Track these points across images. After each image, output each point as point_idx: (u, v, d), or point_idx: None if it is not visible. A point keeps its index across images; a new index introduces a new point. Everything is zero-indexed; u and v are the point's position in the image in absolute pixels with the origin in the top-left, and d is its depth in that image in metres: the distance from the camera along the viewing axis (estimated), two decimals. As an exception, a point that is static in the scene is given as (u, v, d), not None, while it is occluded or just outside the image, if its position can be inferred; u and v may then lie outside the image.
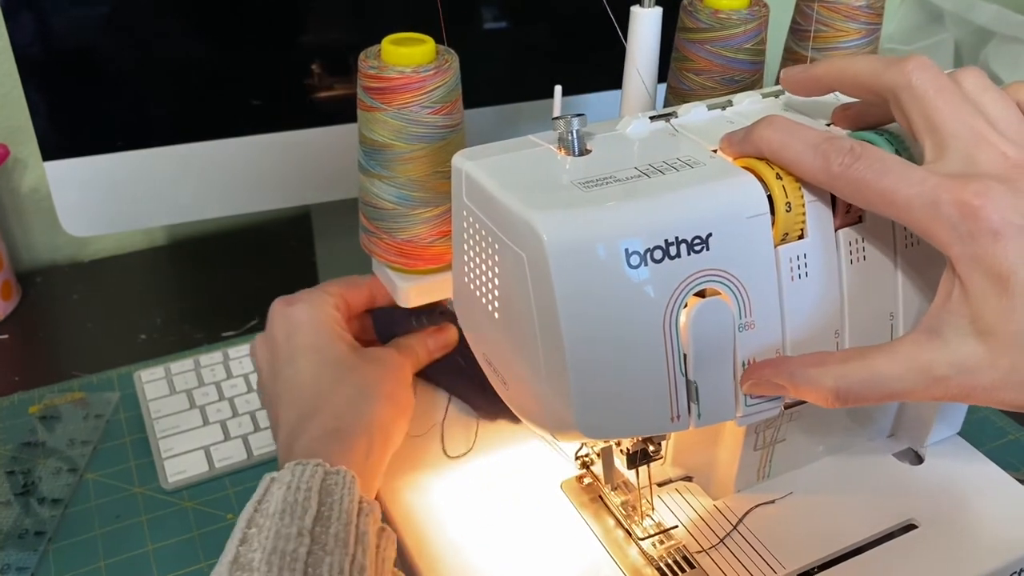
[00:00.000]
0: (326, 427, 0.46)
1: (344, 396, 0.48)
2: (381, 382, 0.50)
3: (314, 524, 0.40)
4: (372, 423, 0.47)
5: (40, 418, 0.68)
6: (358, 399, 0.48)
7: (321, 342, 0.50)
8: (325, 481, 0.42)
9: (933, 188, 0.34)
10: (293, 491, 0.41)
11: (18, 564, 0.56)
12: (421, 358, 0.54)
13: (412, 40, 0.45)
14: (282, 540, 0.38)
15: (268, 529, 0.39)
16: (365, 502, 0.42)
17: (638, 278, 0.35)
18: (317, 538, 0.39)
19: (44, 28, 0.65)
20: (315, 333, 0.51)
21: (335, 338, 0.51)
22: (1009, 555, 0.44)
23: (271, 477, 0.43)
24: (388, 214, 0.47)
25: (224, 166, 0.72)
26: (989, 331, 0.33)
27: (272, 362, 0.51)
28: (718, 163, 0.38)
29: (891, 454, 0.50)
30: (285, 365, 0.50)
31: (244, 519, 0.41)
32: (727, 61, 0.51)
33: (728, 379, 0.38)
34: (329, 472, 0.42)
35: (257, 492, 0.42)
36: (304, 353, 0.50)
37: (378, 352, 0.52)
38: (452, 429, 0.54)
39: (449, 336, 0.56)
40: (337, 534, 0.40)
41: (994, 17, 0.97)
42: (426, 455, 0.52)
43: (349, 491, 0.42)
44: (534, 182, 0.38)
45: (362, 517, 0.42)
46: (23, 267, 0.89)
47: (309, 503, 0.40)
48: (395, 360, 0.52)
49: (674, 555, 0.44)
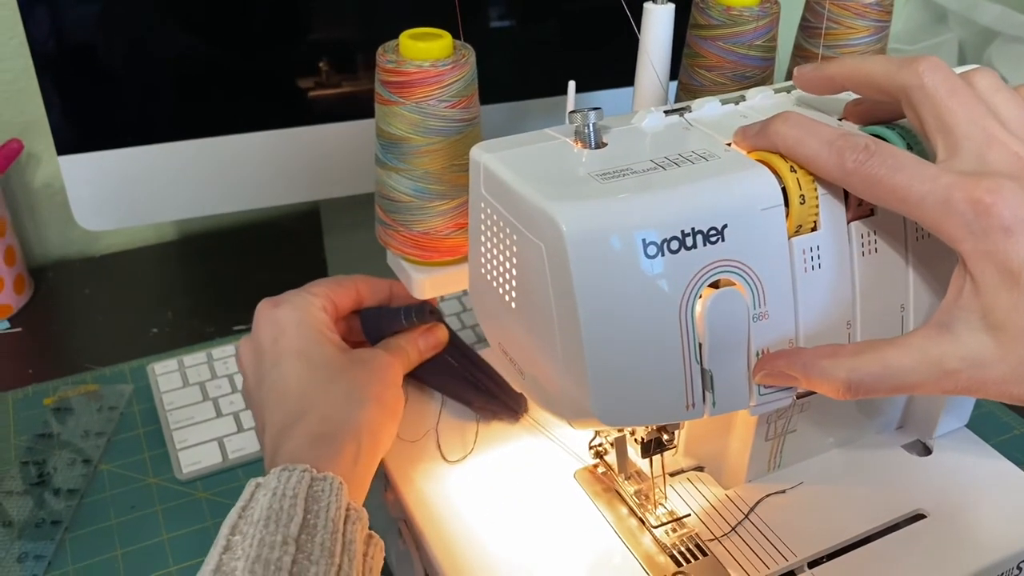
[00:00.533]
0: (313, 431, 0.45)
1: (331, 399, 0.47)
2: (369, 384, 0.48)
3: (300, 532, 0.39)
4: (360, 426, 0.46)
5: (54, 410, 0.69)
6: (345, 402, 0.47)
7: (307, 344, 0.49)
8: (312, 488, 0.41)
9: (946, 185, 0.34)
10: (279, 498, 0.40)
11: (36, 552, 0.57)
12: (412, 358, 0.53)
13: (430, 35, 0.46)
14: (266, 548, 0.37)
15: (252, 537, 0.38)
16: (353, 509, 0.41)
17: (654, 268, 0.36)
18: (302, 546, 0.38)
19: (59, 24, 0.65)
20: (301, 335, 0.49)
21: (322, 340, 0.49)
22: (1016, 545, 0.45)
23: (256, 483, 0.41)
24: (405, 207, 0.48)
25: (235, 162, 0.72)
26: (1000, 326, 0.34)
27: (258, 365, 0.50)
28: (733, 156, 0.39)
29: (900, 446, 0.51)
30: (271, 368, 0.48)
31: (228, 525, 0.39)
32: (739, 57, 0.52)
33: (742, 369, 0.39)
34: (316, 478, 0.41)
35: (242, 498, 0.41)
36: (290, 356, 0.48)
37: (366, 353, 0.51)
38: (449, 433, 0.53)
39: (440, 335, 0.54)
40: (323, 543, 0.39)
41: (998, 17, 0.98)
42: (424, 460, 0.51)
43: (336, 498, 0.41)
44: (552, 174, 0.38)
45: (349, 525, 0.41)
46: (35, 261, 0.90)
47: (295, 510, 0.39)
48: (384, 361, 0.50)
49: (686, 543, 0.45)
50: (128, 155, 0.70)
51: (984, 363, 0.34)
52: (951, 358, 0.35)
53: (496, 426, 0.54)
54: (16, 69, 0.82)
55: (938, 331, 0.36)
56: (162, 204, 0.73)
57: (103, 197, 0.71)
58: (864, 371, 0.36)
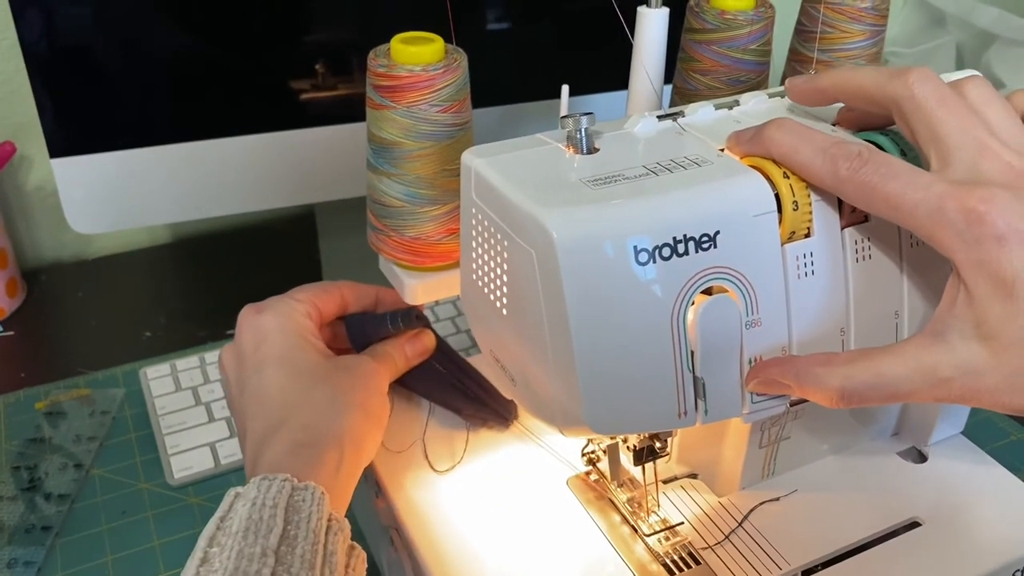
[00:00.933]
0: (294, 439, 0.44)
1: (313, 407, 0.46)
2: (353, 390, 0.47)
3: (279, 543, 0.37)
4: (343, 434, 0.45)
5: (46, 414, 0.68)
6: (328, 409, 0.46)
7: (290, 351, 0.48)
8: (292, 497, 0.40)
9: (939, 194, 0.34)
10: (258, 508, 0.39)
11: (25, 558, 0.57)
12: (399, 365, 0.52)
13: (421, 39, 0.45)
14: (245, 560, 0.36)
15: (230, 548, 0.37)
16: (334, 520, 0.41)
17: (646, 275, 0.36)
18: (282, 558, 0.37)
19: (52, 26, 0.65)
20: (284, 342, 0.48)
21: (305, 347, 0.48)
22: (1012, 553, 0.45)
23: (236, 492, 0.40)
24: (396, 212, 0.48)
25: (229, 164, 0.72)
26: (993, 335, 0.34)
27: (240, 372, 0.48)
28: (726, 162, 0.39)
29: (895, 453, 0.50)
30: (252, 375, 0.47)
31: (206, 537, 0.38)
32: (733, 62, 0.52)
33: (735, 376, 0.38)
34: (297, 488, 0.40)
35: (220, 508, 0.40)
36: (272, 363, 0.47)
37: (351, 360, 0.50)
38: (437, 443, 0.52)
39: (427, 341, 0.53)
40: (303, 555, 0.37)
41: (996, 20, 0.97)
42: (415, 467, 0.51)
43: (318, 508, 0.40)
44: (543, 180, 0.38)
45: (330, 536, 0.40)
46: (28, 265, 0.89)
47: (275, 521, 0.38)
48: (369, 367, 0.49)
49: (679, 551, 0.45)
50: (121, 158, 0.70)
51: (977, 372, 0.34)
52: (944, 366, 0.35)
53: (487, 433, 0.53)
54: (8, 71, 0.82)
55: (932, 340, 0.35)
56: (155, 207, 0.73)
57: (96, 200, 0.71)
58: (858, 379, 0.36)
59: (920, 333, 0.36)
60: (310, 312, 0.50)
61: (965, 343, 0.34)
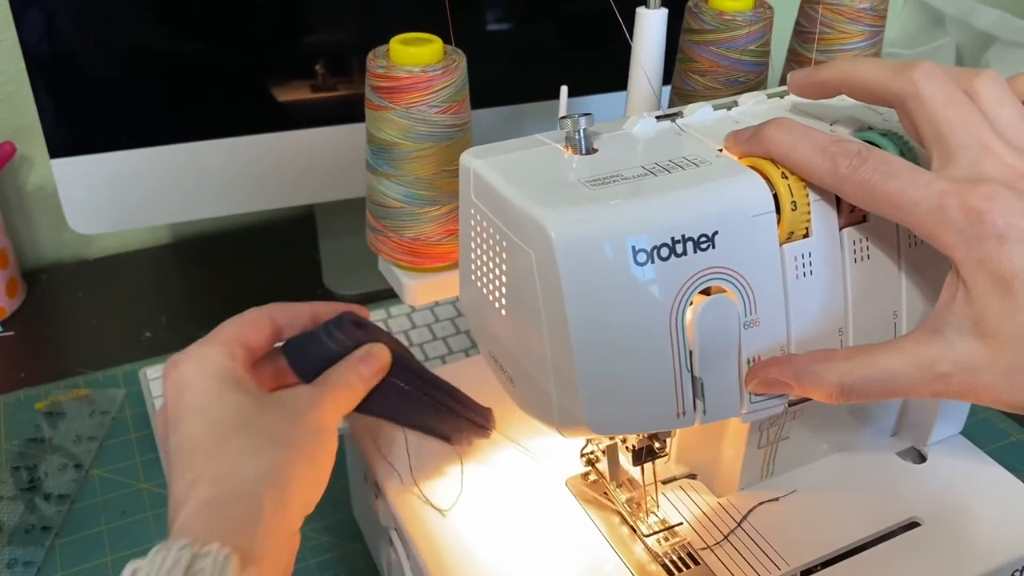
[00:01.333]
0: (203, 497, 0.39)
1: (228, 457, 0.41)
2: (278, 428, 0.42)
3: None
4: (260, 482, 0.39)
5: (46, 414, 0.68)
6: (244, 457, 0.40)
7: (206, 400, 0.42)
8: (192, 567, 0.35)
9: (939, 192, 0.34)
10: None
11: (25, 559, 0.57)
12: (357, 390, 0.45)
13: (420, 40, 0.45)
14: None
15: None
16: None
17: (644, 275, 0.36)
18: None
19: (53, 27, 0.65)
20: (201, 391, 0.43)
21: (223, 392, 0.43)
22: (1011, 553, 0.45)
23: (134, 567, 0.36)
24: (395, 212, 0.48)
25: (229, 165, 0.72)
26: (991, 333, 0.34)
27: (164, 431, 0.44)
28: (724, 162, 0.39)
29: (894, 453, 0.50)
30: (172, 431, 0.43)
31: None
32: (732, 62, 0.52)
33: (733, 376, 0.38)
34: (198, 554, 0.36)
35: None
36: (188, 415, 0.42)
37: (285, 394, 0.44)
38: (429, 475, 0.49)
39: (381, 356, 0.45)
40: None
41: (996, 21, 0.97)
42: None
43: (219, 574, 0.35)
44: (542, 180, 0.38)
45: None
46: (28, 265, 0.89)
47: None
48: (304, 400, 0.43)
49: (678, 552, 0.45)
50: (121, 158, 0.70)
51: (975, 368, 0.34)
52: (943, 362, 0.35)
53: (478, 440, 0.51)
54: (8, 72, 0.82)
55: (930, 335, 0.36)
56: (156, 207, 0.73)
57: (96, 200, 0.71)
58: (857, 375, 0.36)
59: (919, 329, 0.36)
60: (233, 352, 0.44)
61: (963, 339, 0.35)
